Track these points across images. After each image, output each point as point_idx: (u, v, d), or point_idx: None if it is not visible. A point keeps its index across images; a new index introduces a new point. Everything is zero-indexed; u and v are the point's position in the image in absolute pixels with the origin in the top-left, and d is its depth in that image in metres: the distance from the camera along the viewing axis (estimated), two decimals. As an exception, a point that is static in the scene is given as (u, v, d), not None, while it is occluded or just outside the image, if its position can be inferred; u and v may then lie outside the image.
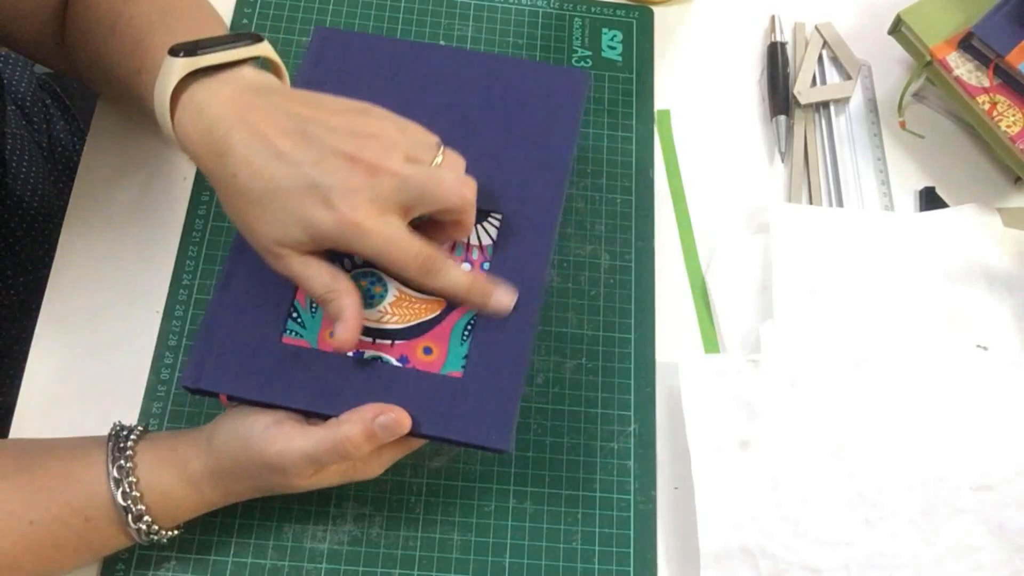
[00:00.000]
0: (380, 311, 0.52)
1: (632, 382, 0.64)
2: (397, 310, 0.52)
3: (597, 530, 0.59)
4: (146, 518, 0.50)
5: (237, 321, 0.51)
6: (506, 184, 0.55)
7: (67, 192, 0.65)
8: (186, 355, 0.61)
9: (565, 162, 0.56)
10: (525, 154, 0.56)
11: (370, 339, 0.51)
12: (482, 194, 0.52)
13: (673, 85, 0.75)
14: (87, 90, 0.89)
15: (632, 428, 0.62)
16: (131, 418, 0.59)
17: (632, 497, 0.60)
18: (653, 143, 0.72)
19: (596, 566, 0.58)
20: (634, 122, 0.72)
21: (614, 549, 0.59)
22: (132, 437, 0.51)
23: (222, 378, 0.50)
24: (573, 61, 0.74)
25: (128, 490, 0.49)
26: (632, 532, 0.59)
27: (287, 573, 0.56)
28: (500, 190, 0.55)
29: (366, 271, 0.53)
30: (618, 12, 0.77)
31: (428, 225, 0.52)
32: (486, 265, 0.53)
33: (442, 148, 0.50)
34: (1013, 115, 0.67)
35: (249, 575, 0.56)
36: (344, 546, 0.57)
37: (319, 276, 0.49)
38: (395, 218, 0.48)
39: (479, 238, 0.54)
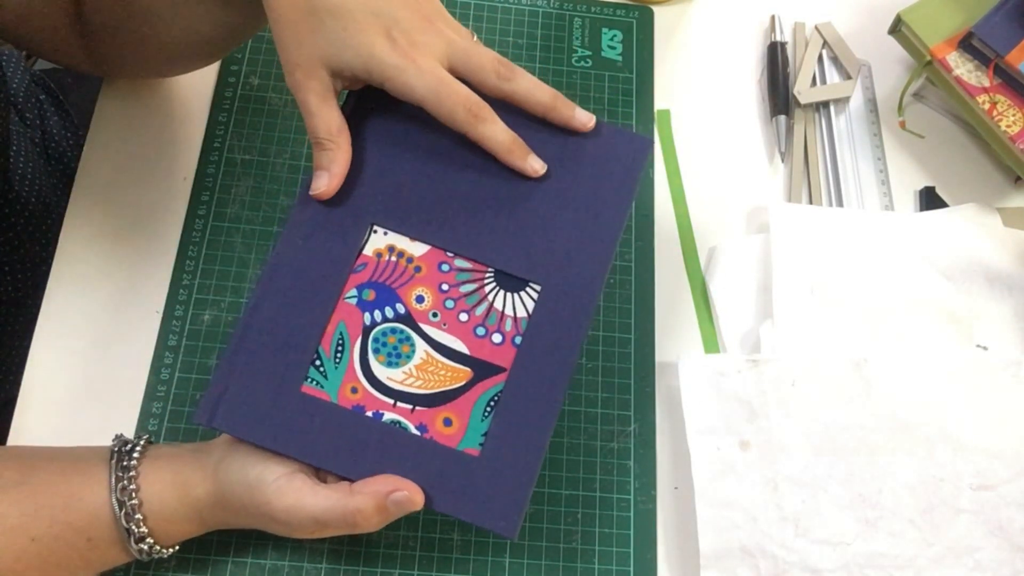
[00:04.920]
0: (405, 372, 0.50)
1: (632, 382, 0.64)
2: (422, 374, 0.51)
3: (597, 530, 0.59)
4: (148, 540, 0.50)
5: (259, 361, 0.50)
6: (550, 251, 0.52)
7: (60, 187, 0.64)
8: (186, 355, 0.61)
9: (614, 237, 0.53)
10: (574, 221, 0.53)
11: (391, 401, 0.50)
12: (523, 258, 0.52)
13: (673, 85, 0.75)
14: (82, 85, 0.89)
15: (632, 428, 0.62)
16: (131, 417, 0.59)
17: (632, 497, 0.60)
18: (653, 143, 0.72)
19: (596, 566, 0.58)
20: (634, 122, 0.72)
21: (614, 549, 0.59)
22: (135, 455, 0.50)
23: (236, 421, 0.49)
24: (573, 61, 0.74)
25: (131, 513, 0.49)
26: (632, 532, 0.59)
27: (287, 572, 0.56)
28: (542, 257, 0.52)
29: (396, 327, 0.51)
30: (618, 12, 0.77)
31: None
32: (518, 339, 0.51)
33: (475, 36, 0.53)
34: (1013, 115, 0.67)
35: (249, 574, 0.56)
36: (344, 546, 0.57)
37: (329, 118, 0.50)
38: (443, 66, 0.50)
39: (514, 308, 0.52)
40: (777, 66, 0.75)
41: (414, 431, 0.50)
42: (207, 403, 0.49)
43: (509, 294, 0.52)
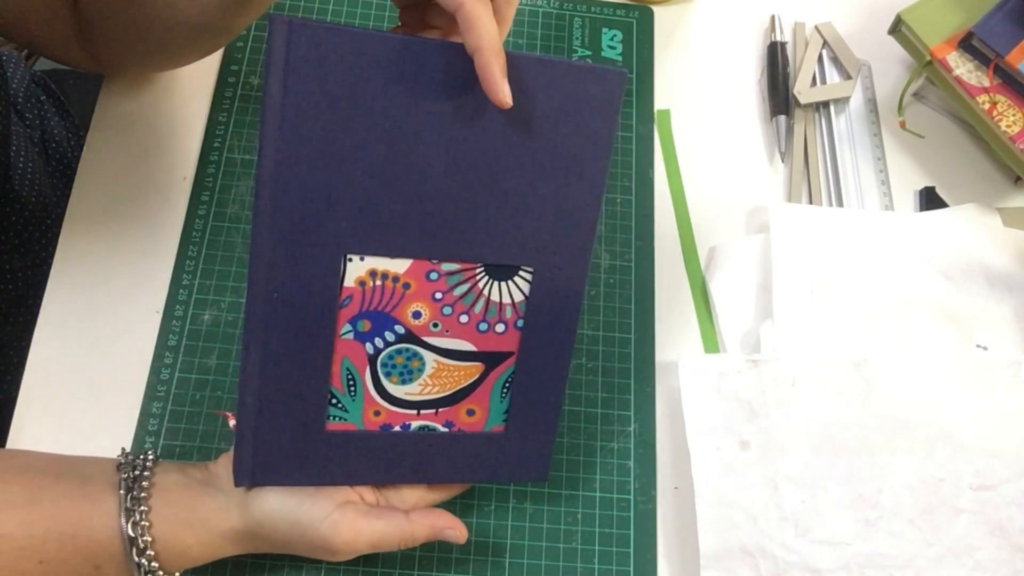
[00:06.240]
0: (421, 384, 0.51)
1: (632, 382, 0.64)
2: (437, 380, 0.51)
3: (597, 530, 0.59)
4: (160, 573, 0.50)
5: (277, 417, 0.49)
6: (535, 229, 0.49)
7: (60, 187, 0.64)
8: (186, 355, 0.61)
9: (597, 196, 0.50)
10: (554, 190, 0.49)
11: (414, 411, 0.52)
12: (510, 244, 0.50)
13: (673, 85, 0.75)
14: (83, 86, 0.89)
15: (632, 428, 0.62)
16: (131, 417, 0.59)
17: (632, 497, 0.60)
18: (653, 143, 0.72)
19: (596, 566, 0.58)
20: (634, 122, 0.72)
21: (614, 549, 0.59)
22: (144, 484, 0.50)
23: (277, 474, 0.50)
24: (573, 61, 0.74)
25: (143, 549, 0.49)
26: (632, 532, 0.59)
27: (287, 572, 0.56)
28: (529, 237, 0.50)
29: (401, 348, 0.50)
30: (618, 12, 0.77)
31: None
32: (520, 323, 0.51)
33: None
34: (1013, 115, 0.67)
35: (249, 574, 0.56)
36: (344, 546, 0.57)
37: None
38: None
39: (511, 295, 0.51)
40: (777, 66, 0.75)
41: (443, 429, 0.52)
42: (241, 467, 0.50)
43: (503, 283, 0.51)
